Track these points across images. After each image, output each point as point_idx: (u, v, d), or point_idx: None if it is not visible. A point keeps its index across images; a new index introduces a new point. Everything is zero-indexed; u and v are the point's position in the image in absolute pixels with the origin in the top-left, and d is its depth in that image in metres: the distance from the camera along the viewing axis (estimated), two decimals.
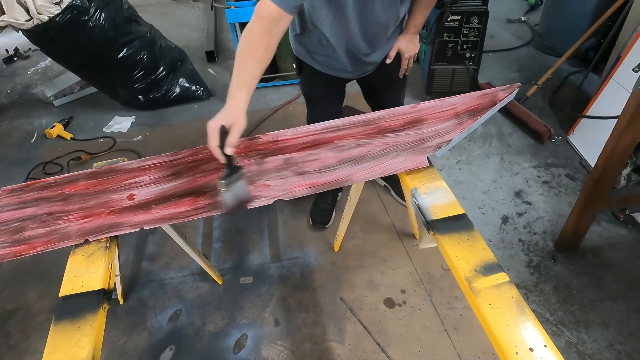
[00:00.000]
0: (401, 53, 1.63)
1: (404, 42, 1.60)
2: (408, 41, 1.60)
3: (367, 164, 1.24)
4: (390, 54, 1.62)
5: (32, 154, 2.77)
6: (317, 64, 1.62)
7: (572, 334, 1.63)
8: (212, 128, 1.07)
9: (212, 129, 1.07)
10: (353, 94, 2.00)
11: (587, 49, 3.02)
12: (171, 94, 3.06)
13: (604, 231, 2.00)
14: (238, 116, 1.10)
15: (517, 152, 2.49)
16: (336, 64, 1.58)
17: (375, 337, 1.64)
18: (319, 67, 1.63)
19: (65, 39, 2.55)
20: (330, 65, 1.60)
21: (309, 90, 1.82)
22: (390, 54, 1.62)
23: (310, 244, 2.02)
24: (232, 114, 1.10)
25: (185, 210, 1.16)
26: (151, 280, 1.91)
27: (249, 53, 1.15)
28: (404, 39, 1.60)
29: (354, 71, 1.63)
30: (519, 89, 1.39)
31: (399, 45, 1.61)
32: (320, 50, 1.55)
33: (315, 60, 1.61)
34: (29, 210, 1.21)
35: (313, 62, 1.62)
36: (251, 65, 1.15)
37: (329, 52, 1.53)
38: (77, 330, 0.93)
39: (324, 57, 1.57)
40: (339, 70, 1.61)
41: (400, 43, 1.60)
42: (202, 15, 4.54)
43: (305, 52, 1.61)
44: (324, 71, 1.64)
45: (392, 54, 1.62)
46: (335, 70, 1.62)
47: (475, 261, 0.97)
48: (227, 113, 1.10)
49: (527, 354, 0.81)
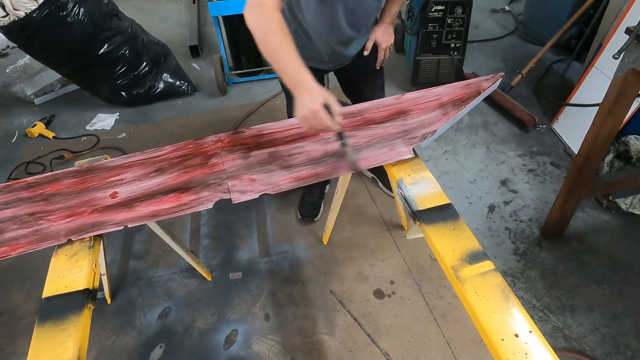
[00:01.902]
0: (377, 44, 1.62)
1: (380, 33, 1.60)
2: (384, 32, 1.60)
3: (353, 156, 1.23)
4: (367, 45, 1.61)
5: (13, 154, 2.71)
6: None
7: (558, 319, 1.66)
8: (317, 110, 1.05)
9: (317, 111, 1.05)
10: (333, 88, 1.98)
11: (569, 38, 3.05)
12: (155, 89, 3.01)
13: (588, 217, 2.04)
14: (323, 90, 1.09)
15: (503, 142, 2.51)
16: (313, 54, 1.56)
17: (365, 329, 1.65)
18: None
19: (44, 35, 2.49)
20: (307, 56, 1.58)
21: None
22: (367, 46, 1.61)
23: (299, 238, 2.02)
24: (317, 92, 1.07)
25: (169, 206, 1.14)
26: (139, 279, 1.89)
27: (283, 41, 1.12)
28: (380, 29, 1.59)
29: (331, 61, 1.61)
30: (503, 78, 1.40)
31: (375, 36, 1.60)
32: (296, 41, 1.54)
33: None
34: (9, 212, 1.19)
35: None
36: (291, 49, 1.13)
37: (305, 43, 1.51)
38: (62, 331, 0.91)
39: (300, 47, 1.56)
40: (316, 61, 1.59)
41: (377, 34, 1.60)
42: (184, 9, 4.47)
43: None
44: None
45: (369, 46, 1.61)
46: (312, 60, 1.60)
47: (461, 250, 0.98)
48: (313, 93, 1.07)
49: (512, 340, 0.82)
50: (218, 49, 3.07)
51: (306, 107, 1.06)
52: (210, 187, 1.18)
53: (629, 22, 1.97)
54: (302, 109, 1.07)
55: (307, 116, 1.07)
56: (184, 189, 1.18)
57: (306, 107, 1.06)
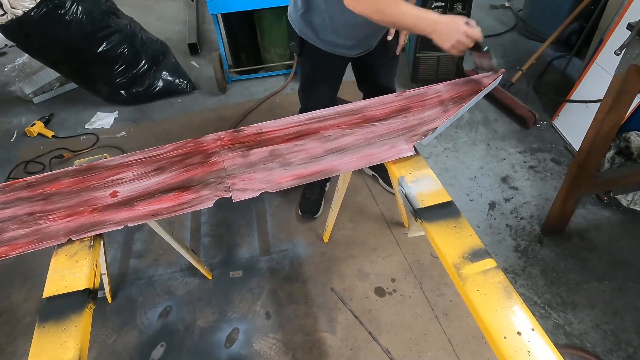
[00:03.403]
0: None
1: None
2: None
3: (353, 153, 1.23)
4: (391, 30, 1.63)
5: (12, 154, 2.71)
6: (321, 42, 1.61)
7: (559, 315, 1.66)
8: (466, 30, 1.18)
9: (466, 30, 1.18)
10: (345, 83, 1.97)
11: (570, 34, 3.04)
12: (154, 88, 3.00)
13: (589, 214, 2.03)
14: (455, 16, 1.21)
15: (503, 138, 2.51)
16: (340, 41, 1.58)
17: (366, 326, 1.65)
18: (323, 46, 1.62)
19: (42, 34, 2.48)
20: (334, 43, 1.60)
21: (311, 70, 1.79)
22: (390, 30, 1.63)
23: (300, 236, 2.01)
24: (453, 18, 1.20)
25: (169, 205, 1.14)
26: (140, 278, 1.89)
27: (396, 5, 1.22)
28: None
29: (356, 49, 1.63)
30: (504, 75, 1.39)
31: None
32: (324, 28, 1.55)
33: (320, 39, 1.60)
34: (9, 211, 1.18)
35: (317, 41, 1.61)
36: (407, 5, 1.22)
37: (335, 28, 1.53)
38: (63, 331, 0.91)
39: (328, 34, 1.57)
40: (342, 48, 1.61)
41: None
42: (183, 7, 4.45)
43: (311, 31, 1.58)
44: (327, 50, 1.63)
45: (393, 30, 1.64)
46: (339, 47, 1.61)
47: (462, 248, 0.97)
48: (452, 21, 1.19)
49: (515, 337, 0.82)
50: (217, 47, 3.06)
51: (454, 33, 1.18)
52: (210, 185, 1.18)
53: (630, 17, 1.96)
54: (452, 38, 1.19)
55: (459, 40, 1.19)
56: (184, 188, 1.18)
57: (454, 33, 1.18)
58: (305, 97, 1.89)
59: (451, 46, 1.21)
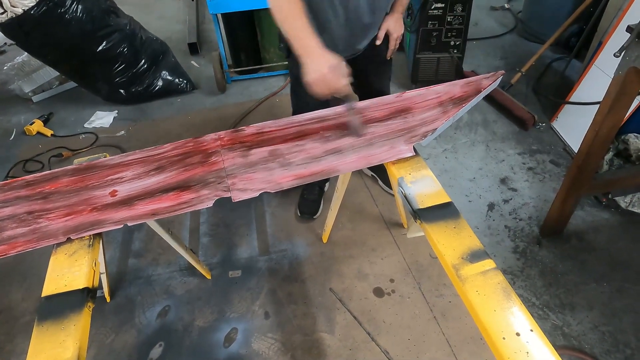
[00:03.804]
0: (389, 33, 1.64)
1: (392, 23, 1.61)
2: (395, 21, 1.62)
3: (353, 154, 1.23)
4: (380, 34, 1.62)
5: (11, 152, 2.70)
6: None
7: (557, 317, 1.66)
8: (327, 73, 1.15)
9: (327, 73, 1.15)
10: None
11: (569, 36, 3.05)
12: (153, 87, 3.00)
13: (588, 215, 2.04)
14: (331, 55, 1.18)
15: (502, 140, 2.51)
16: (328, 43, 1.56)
17: (365, 327, 1.65)
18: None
19: (41, 32, 2.48)
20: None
21: (298, 72, 1.78)
22: (379, 35, 1.62)
23: (299, 236, 2.01)
24: (326, 55, 1.17)
25: (169, 205, 1.14)
26: (138, 277, 1.89)
27: (295, 9, 1.20)
28: (392, 19, 1.61)
29: (344, 52, 1.61)
30: (503, 76, 1.40)
31: (387, 25, 1.61)
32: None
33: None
34: (8, 210, 1.18)
35: None
36: (303, 17, 1.20)
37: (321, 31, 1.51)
38: (62, 330, 0.91)
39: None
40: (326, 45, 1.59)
41: (388, 24, 1.61)
42: (183, 6, 4.45)
43: None
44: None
45: (381, 35, 1.62)
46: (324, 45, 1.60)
47: (462, 249, 0.97)
48: (323, 57, 1.16)
49: (513, 338, 0.82)
50: (217, 47, 3.06)
51: (316, 70, 1.15)
52: (210, 185, 1.18)
53: (630, 20, 1.97)
54: (312, 73, 1.16)
55: (317, 79, 1.15)
56: (183, 187, 1.18)
57: (316, 70, 1.15)
58: (295, 99, 1.88)
59: (310, 81, 1.20)
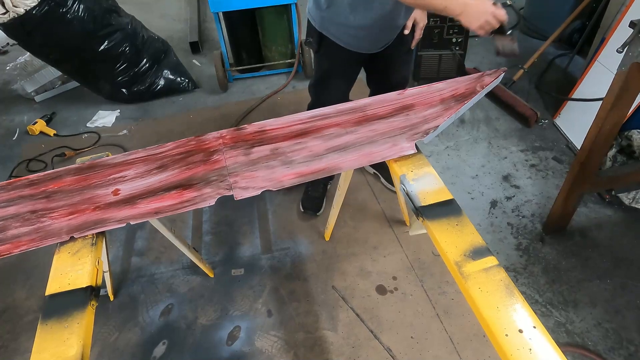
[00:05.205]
0: (416, 23, 1.67)
1: (419, 12, 1.65)
2: (422, 11, 1.66)
3: (355, 151, 1.23)
4: (408, 24, 1.65)
5: (14, 152, 2.71)
6: (340, 39, 1.63)
7: (560, 314, 1.66)
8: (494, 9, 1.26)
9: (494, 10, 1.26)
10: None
11: (572, 32, 3.03)
12: (155, 86, 3.00)
13: (591, 212, 2.03)
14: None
15: (505, 137, 2.51)
16: (360, 36, 1.60)
17: (367, 324, 1.65)
18: (343, 43, 1.63)
19: (43, 32, 2.48)
20: (353, 40, 1.62)
21: (329, 66, 1.79)
22: (407, 24, 1.65)
23: (301, 234, 2.02)
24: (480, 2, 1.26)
25: (172, 203, 1.14)
26: (141, 276, 1.89)
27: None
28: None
29: (376, 44, 1.66)
30: (505, 73, 1.39)
31: (414, 15, 1.64)
32: (347, 25, 1.57)
33: (339, 36, 1.62)
34: (12, 209, 1.18)
35: (336, 37, 1.62)
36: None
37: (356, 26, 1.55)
38: (65, 328, 0.91)
39: (348, 30, 1.59)
40: (363, 44, 1.63)
41: (416, 13, 1.64)
42: (184, 5, 4.45)
43: (332, 26, 1.60)
44: (347, 47, 1.65)
45: (410, 24, 1.65)
46: (359, 43, 1.63)
47: (464, 246, 0.97)
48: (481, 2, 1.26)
49: (516, 335, 0.82)
50: (219, 45, 3.06)
51: (485, 11, 1.25)
52: (212, 183, 1.18)
53: (633, 15, 1.96)
54: (478, 20, 1.26)
55: (488, 20, 1.25)
56: (186, 186, 1.18)
57: (485, 11, 1.25)
58: (318, 93, 1.89)
59: (479, 26, 1.26)
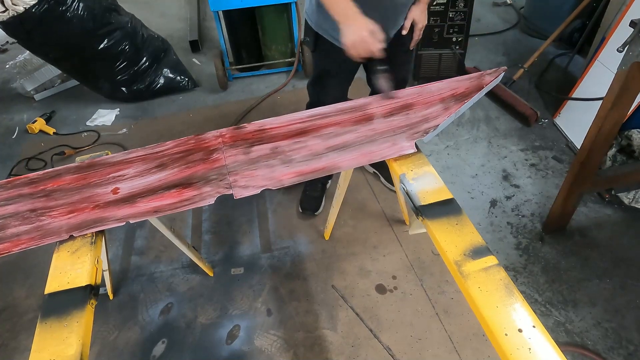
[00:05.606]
0: (415, 23, 1.65)
1: (418, 12, 1.63)
2: (421, 12, 1.64)
3: (354, 151, 1.23)
4: (406, 24, 1.63)
5: (13, 150, 2.71)
6: (335, 38, 1.60)
7: (560, 313, 1.66)
8: (365, 36, 1.25)
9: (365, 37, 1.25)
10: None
11: (572, 31, 3.03)
12: (155, 85, 3.00)
13: (591, 212, 2.03)
14: (369, 21, 1.27)
15: (505, 136, 2.50)
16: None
17: (367, 323, 1.65)
18: (337, 42, 1.61)
19: (43, 30, 2.48)
20: None
21: (325, 65, 1.79)
22: (405, 25, 1.63)
23: (301, 233, 2.02)
24: (364, 21, 1.26)
25: (171, 202, 1.14)
26: (141, 274, 1.89)
27: None
28: (417, 9, 1.62)
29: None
30: (505, 72, 1.39)
31: (412, 15, 1.63)
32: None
33: (334, 35, 1.60)
34: (11, 208, 1.18)
35: (332, 36, 1.61)
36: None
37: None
38: (65, 327, 0.91)
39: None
40: None
41: (415, 13, 1.63)
42: (184, 4, 4.44)
43: (328, 25, 1.59)
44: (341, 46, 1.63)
45: (408, 24, 1.64)
46: None
47: (464, 245, 0.97)
48: (361, 22, 1.25)
49: (516, 334, 0.82)
50: (218, 44, 3.06)
51: (356, 33, 1.24)
52: (211, 182, 1.18)
53: (633, 14, 1.96)
54: (352, 36, 1.26)
55: (356, 42, 1.25)
56: (185, 185, 1.18)
57: (356, 33, 1.24)
58: (316, 92, 1.88)
59: (349, 43, 1.28)
